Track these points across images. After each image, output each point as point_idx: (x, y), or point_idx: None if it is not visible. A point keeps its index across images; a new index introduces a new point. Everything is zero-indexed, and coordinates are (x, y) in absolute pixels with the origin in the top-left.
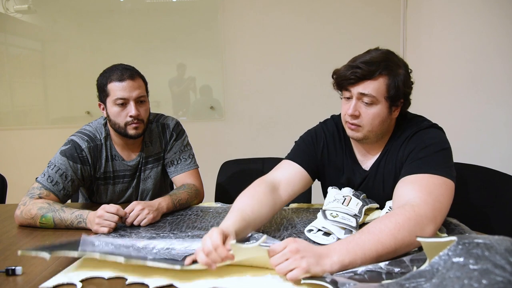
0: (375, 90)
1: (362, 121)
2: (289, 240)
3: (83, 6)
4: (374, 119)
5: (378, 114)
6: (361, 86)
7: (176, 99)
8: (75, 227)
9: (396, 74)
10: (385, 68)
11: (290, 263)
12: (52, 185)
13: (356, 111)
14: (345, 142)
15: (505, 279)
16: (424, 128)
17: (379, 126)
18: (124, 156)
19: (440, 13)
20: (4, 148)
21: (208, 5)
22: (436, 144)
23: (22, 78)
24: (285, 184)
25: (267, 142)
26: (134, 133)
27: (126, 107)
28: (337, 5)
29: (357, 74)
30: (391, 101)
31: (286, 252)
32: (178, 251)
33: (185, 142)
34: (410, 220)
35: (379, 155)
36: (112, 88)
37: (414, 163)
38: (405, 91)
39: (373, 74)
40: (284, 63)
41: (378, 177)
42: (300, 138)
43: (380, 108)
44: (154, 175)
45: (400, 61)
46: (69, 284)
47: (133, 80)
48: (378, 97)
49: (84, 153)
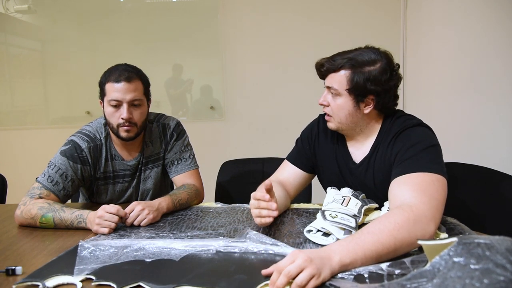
0: (337, 82)
1: (331, 111)
2: (295, 252)
3: (83, 6)
4: (339, 110)
5: (342, 106)
6: (328, 78)
7: (173, 101)
8: (75, 227)
9: (359, 70)
10: (348, 63)
11: (310, 272)
12: (52, 185)
13: (325, 101)
14: (337, 134)
15: (506, 278)
16: (410, 126)
17: (347, 118)
18: (123, 156)
19: (440, 14)
20: (4, 148)
21: (208, 5)
22: (423, 141)
23: (22, 78)
24: (288, 183)
25: (267, 142)
26: (125, 136)
27: (119, 109)
28: (337, 5)
29: (324, 68)
30: (354, 95)
31: (300, 262)
32: (177, 251)
33: (186, 142)
34: (409, 220)
35: (369, 151)
36: (108, 88)
37: (404, 162)
38: (370, 88)
39: (335, 67)
40: (284, 63)
41: (369, 172)
42: (299, 136)
43: (344, 100)
44: (154, 175)
45: (376, 60)
46: (69, 284)
47: (129, 82)
48: (340, 90)
49: (84, 153)
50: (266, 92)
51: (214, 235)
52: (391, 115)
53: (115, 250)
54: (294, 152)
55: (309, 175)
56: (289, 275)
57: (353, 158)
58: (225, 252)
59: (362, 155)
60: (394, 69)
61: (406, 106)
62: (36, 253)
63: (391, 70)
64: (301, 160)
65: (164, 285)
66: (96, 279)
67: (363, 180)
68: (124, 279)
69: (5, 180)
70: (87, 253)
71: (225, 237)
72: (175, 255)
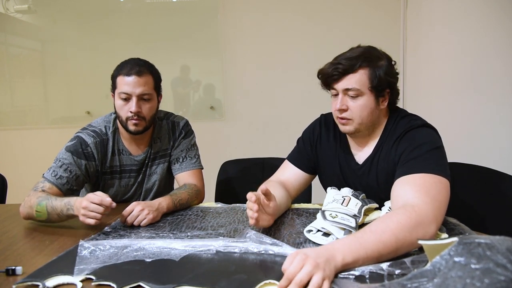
0: (358, 82)
1: (351, 114)
2: (302, 257)
3: (83, 6)
4: (362, 110)
5: (365, 105)
6: (344, 81)
7: (178, 99)
8: (65, 215)
9: (376, 65)
10: (364, 60)
11: (320, 277)
12: (55, 179)
13: (344, 105)
14: (340, 135)
15: (507, 278)
16: (416, 127)
17: (368, 117)
18: (131, 150)
19: (440, 13)
20: (4, 148)
21: (208, 5)
22: (428, 143)
23: (22, 78)
24: (288, 184)
25: (267, 142)
26: (134, 129)
27: (128, 102)
28: (337, 5)
29: (339, 70)
30: (376, 91)
31: (310, 269)
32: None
33: (193, 142)
34: (411, 220)
35: (372, 151)
36: (119, 81)
37: (408, 163)
38: (389, 81)
39: (353, 67)
40: (284, 63)
41: (372, 172)
42: (300, 136)
43: (366, 99)
44: (160, 171)
45: (381, 54)
46: (69, 284)
47: (139, 76)
48: (362, 89)
49: (90, 149)
50: (266, 92)
51: (214, 235)
52: (395, 114)
53: (115, 250)
54: (295, 152)
55: (310, 175)
56: (301, 284)
57: (356, 159)
58: (225, 252)
59: (365, 156)
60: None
61: (406, 106)
62: (36, 253)
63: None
64: (302, 160)
65: (164, 285)
66: (96, 279)
67: (365, 181)
68: (124, 279)
69: (5, 180)
70: (87, 253)
71: (225, 237)
72: (175, 255)
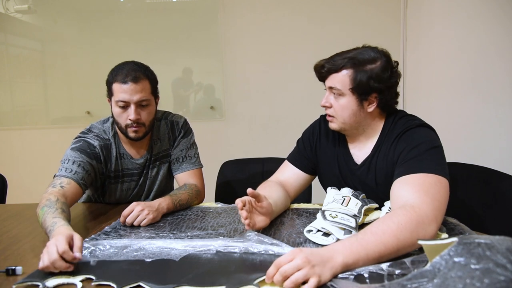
0: (340, 82)
1: (334, 112)
2: (296, 251)
3: (83, 6)
4: (343, 110)
5: (346, 106)
6: (329, 79)
7: (178, 99)
8: (47, 233)
9: (361, 69)
10: (349, 62)
11: (305, 273)
12: (72, 174)
13: (327, 102)
14: (339, 135)
15: (507, 278)
16: (414, 126)
17: (351, 118)
18: (132, 154)
19: (440, 13)
20: (4, 148)
21: (208, 5)
22: (426, 142)
23: (22, 78)
24: (288, 184)
25: (267, 142)
26: (134, 136)
27: (127, 110)
28: (337, 5)
29: (325, 68)
30: (358, 94)
31: (298, 262)
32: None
33: (192, 141)
34: (412, 221)
35: (371, 151)
36: (115, 89)
37: (406, 163)
38: (374, 86)
39: (337, 67)
40: (284, 63)
41: (371, 172)
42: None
43: (347, 100)
44: (161, 172)
45: (377, 57)
46: (69, 284)
47: (136, 83)
48: (343, 90)
49: (97, 150)
50: (266, 92)
51: (214, 235)
52: (393, 115)
53: (115, 250)
54: (295, 153)
55: (309, 176)
56: (285, 274)
57: (355, 159)
58: (225, 252)
59: (364, 156)
60: (393, 66)
61: (406, 106)
62: (36, 253)
63: (391, 67)
64: (302, 161)
65: (164, 285)
66: (96, 279)
67: (364, 181)
68: (124, 279)
69: (5, 180)
70: (87, 253)
71: (225, 237)
72: (175, 255)
